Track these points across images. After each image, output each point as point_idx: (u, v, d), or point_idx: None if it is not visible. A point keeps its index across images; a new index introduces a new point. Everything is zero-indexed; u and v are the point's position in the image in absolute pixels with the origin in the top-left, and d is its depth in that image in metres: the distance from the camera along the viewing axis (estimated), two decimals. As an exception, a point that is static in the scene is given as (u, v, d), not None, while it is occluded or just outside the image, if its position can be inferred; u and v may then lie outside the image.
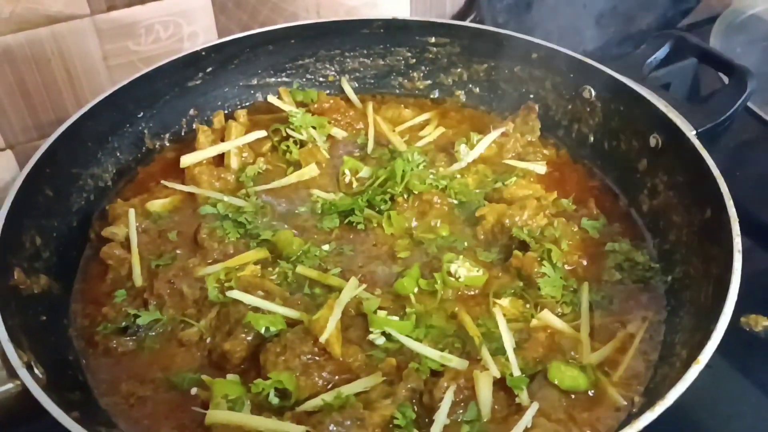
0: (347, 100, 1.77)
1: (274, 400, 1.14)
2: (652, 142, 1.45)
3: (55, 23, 1.63)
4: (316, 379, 1.17)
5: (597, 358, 1.21)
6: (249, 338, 1.22)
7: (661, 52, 1.58)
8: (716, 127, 1.42)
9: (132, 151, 1.59)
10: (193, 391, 1.18)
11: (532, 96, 1.68)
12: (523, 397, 1.13)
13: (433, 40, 1.73)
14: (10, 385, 1.02)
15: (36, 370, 1.05)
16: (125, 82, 1.53)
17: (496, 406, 1.13)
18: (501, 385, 1.15)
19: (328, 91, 1.78)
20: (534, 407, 1.10)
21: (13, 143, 1.72)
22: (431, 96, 1.80)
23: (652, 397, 1.13)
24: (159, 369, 1.22)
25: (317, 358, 1.19)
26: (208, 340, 1.25)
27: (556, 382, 1.16)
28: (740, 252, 1.13)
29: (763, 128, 1.64)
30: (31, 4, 1.57)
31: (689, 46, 1.56)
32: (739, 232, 1.17)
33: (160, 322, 1.27)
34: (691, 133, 1.38)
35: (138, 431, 1.14)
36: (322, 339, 1.17)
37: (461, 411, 1.12)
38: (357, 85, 1.80)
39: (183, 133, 1.68)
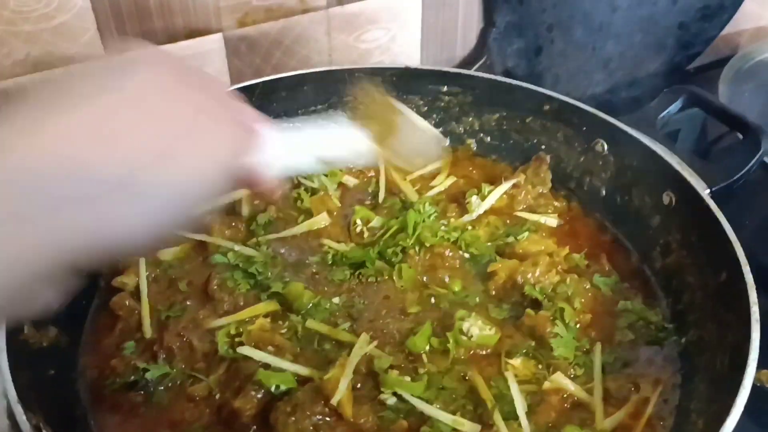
0: (358, 147, 1.76)
1: (285, 462, 1.13)
2: (666, 199, 1.45)
3: (71, 64, 1.63)
4: (327, 440, 1.16)
5: (611, 424, 1.19)
6: (259, 396, 1.20)
7: (674, 107, 1.58)
8: (730, 185, 1.41)
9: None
10: (202, 450, 1.17)
11: (543, 147, 1.68)
12: (536, 465, 1.12)
13: (445, 89, 1.73)
14: (18, 450, 1.01)
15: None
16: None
17: (509, 474, 1.12)
18: (514, 451, 1.14)
19: (339, 137, 1.78)
20: (548, 475, 1.09)
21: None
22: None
23: (667, 467, 1.12)
24: (168, 426, 1.21)
25: (328, 418, 1.17)
26: (218, 396, 1.24)
27: (570, 450, 1.15)
28: (758, 322, 1.12)
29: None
30: (48, 47, 1.58)
31: (702, 102, 1.56)
32: (756, 301, 1.16)
33: (169, 377, 1.26)
34: (704, 192, 1.38)
35: (146, 492, 1.13)
36: (334, 401, 1.16)
37: (474, 478, 1.11)
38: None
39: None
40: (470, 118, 1.76)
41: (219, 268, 1.43)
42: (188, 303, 1.38)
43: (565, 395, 1.24)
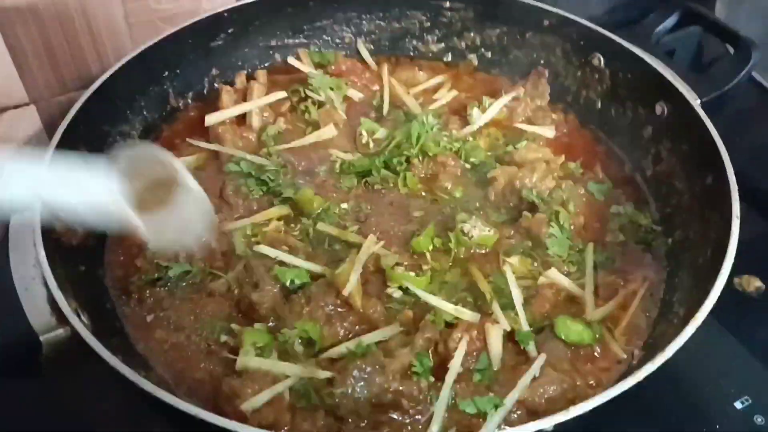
0: (363, 62, 1.82)
1: (299, 348, 1.22)
2: (658, 110, 1.52)
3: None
4: (338, 329, 1.26)
5: (600, 315, 1.29)
6: (275, 290, 1.29)
7: (669, 22, 1.63)
8: (720, 96, 1.48)
9: (157, 110, 1.65)
10: (223, 338, 1.26)
11: (542, 62, 1.74)
12: (530, 349, 1.22)
13: (447, 4, 1.78)
14: (60, 331, 1.10)
15: (82, 317, 1.13)
16: (152, 43, 1.59)
17: (505, 357, 1.22)
18: (510, 337, 1.24)
19: (344, 53, 1.83)
20: (542, 358, 1.19)
21: (37, 98, 1.77)
22: (444, 59, 1.86)
23: (650, 351, 1.22)
24: (191, 317, 1.30)
25: (339, 309, 1.27)
26: (236, 290, 1.33)
27: (562, 336, 1.25)
28: (738, 218, 1.21)
29: (766, 97, 1.70)
30: None
31: (696, 16, 1.61)
32: (738, 199, 1.24)
33: (190, 274, 1.34)
34: (695, 102, 1.45)
35: (172, 375, 1.22)
36: (346, 292, 1.25)
37: (473, 360, 1.21)
38: (372, 47, 1.85)
39: (205, 92, 1.73)
40: (472, 34, 1.81)
41: (232, 176, 1.51)
42: (205, 207, 1.46)
43: (558, 289, 1.33)
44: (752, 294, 1.55)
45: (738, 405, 1.36)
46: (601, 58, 1.63)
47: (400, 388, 1.15)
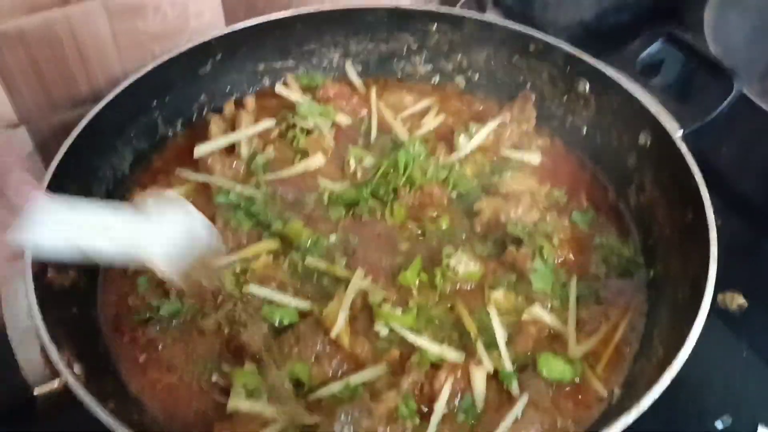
0: (351, 85, 1.83)
1: (289, 388, 1.25)
2: (642, 139, 1.54)
3: (67, 5, 1.67)
4: (327, 368, 1.29)
5: (582, 351, 1.32)
6: (264, 329, 1.32)
7: (654, 48, 1.64)
8: (703, 127, 1.49)
9: (147, 139, 1.66)
10: (214, 378, 1.29)
11: (529, 85, 1.75)
12: (513, 388, 1.26)
13: (434, 27, 1.78)
14: (54, 384, 1.13)
15: (75, 367, 1.16)
16: (141, 73, 1.59)
17: (489, 396, 1.25)
18: (494, 375, 1.27)
19: (332, 75, 1.84)
20: (524, 399, 1.23)
21: (27, 119, 1.78)
22: (432, 81, 1.87)
23: (629, 389, 1.26)
24: (182, 357, 1.33)
25: (328, 348, 1.30)
26: (226, 329, 1.35)
27: (544, 374, 1.28)
28: (715, 261, 1.24)
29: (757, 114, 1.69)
30: None
31: (679, 43, 1.62)
32: (716, 240, 1.27)
33: (181, 312, 1.37)
34: (677, 134, 1.46)
35: (165, 417, 1.26)
36: (333, 334, 1.28)
37: (458, 401, 1.25)
38: (360, 68, 1.86)
39: (194, 119, 1.74)
40: (459, 56, 1.82)
41: (222, 208, 1.52)
42: (195, 242, 1.48)
43: (541, 325, 1.36)
44: (735, 313, 1.58)
45: (719, 424, 1.40)
46: (587, 84, 1.64)
47: (387, 431, 1.18)
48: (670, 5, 2.09)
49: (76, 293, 1.36)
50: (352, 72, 1.85)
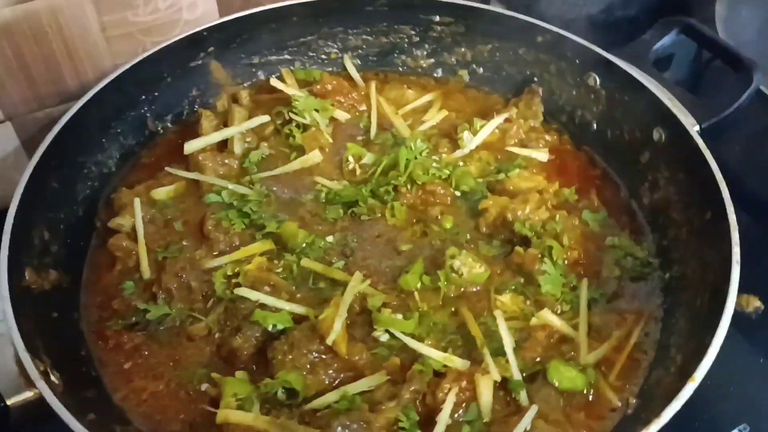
0: (350, 79, 1.75)
1: (283, 397, 1.18)
2: (656, 135, 1.46)
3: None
4: (323, 376, 1.21)
5: (594, 358, 1.25)
6: (257, 335, 1.25)
7: (668, 39, 1.57)
8: (720, 122, 1.42)
9: (135, 135, 1.59)
10: (204, 387, 1.22)
11: (536, 79, 1.68)
12: (522, 398, 1.18)
13: (437, 18, 1.71)
14: (28, 394, 1.05)
15: (52, 377, 1.08)
16: (128, 66, 1.52)
17: (496, 406, 1.18)
18: (501, 384, 1.20)
19: (330, 69, 1.77)
20: (533, 410, 1.15)
21: (12, 115, 1.71)
22: (434, 75, 1.79)
23: (645, 399, 1.18)
24: (169, 364, 1.26)
25: (323, 356, 1.22)
26: (217, 335, 1.28)
27: (555, 383, 1.20)
28: (738, 264, 1.16)
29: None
30: None
31: (695, 34, 1.55)
32: (738, 242, 1.19)
33: (169, 317, 1.30)
34: (694, 129, 1.39)
35: (151, 428, 1.18)
36: (329, 341, 1.20)
37: (463, 411, 1.17)
38: (359, 62, 1.79)
39: (185, 115, 1.67)
40: (462, 49, 1.74)
41: (214, 207, 1.45)
42: (184, 243, 1.41)
43: (551, 331, 1.28)
44: (751, 315, 1.50)
45: (736, 433, 1.33)
46: (597, 78, 1.57)
47: (387, 444, 1.11)
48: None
49: (56, 296, 1.28)
50: (350, 66, 1.77)
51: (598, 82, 1.57)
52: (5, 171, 1.66)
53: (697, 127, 1.40)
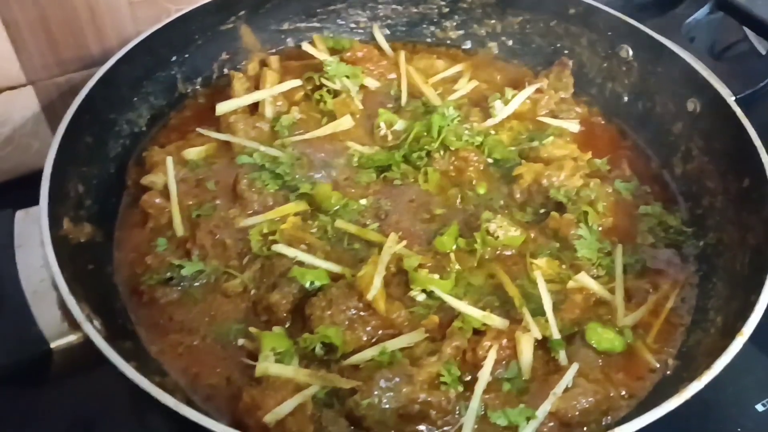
0: (379, 48, 1.75)
1: (321, 353, 1.17)
2: (690, 106, 1.46)
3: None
4: (361, 333, 1.20)
5: (631, 321, 1.25)
6: (294, 291, 1.24)
7: (701, 13, 1.57)
8: (755, 93, 1.42)
9: (165, 96, 1.58)
10: (240, 342, 1.21)
11: (566, 52, 1.68)
12: (561, 357, 1.18)
13: (467, -11, 1.71)
14: (72, 337, 1.04)
15: (95, 322, 1.07)
16: (159, 26, 1.51)
17: (535, 365, 1.17)
18: (540, 344, 1.19)
19: (358, 38, 1.76)
20: (574, 368, 1.14)
21: (34, 79, 1.69)
22: (463, 47, 1.79)
23: (685, 360, 1.18)
24: (205, 319, 1.25)
25: (362, 313, 1.21)
26: (253, 291, 1.27)
27: (593, 344, 1.20)
28: (783, 225, 1.16)
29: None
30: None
31: (730, 8, 1.55)
32: (780, 204, 1.19)
33: (204, 273, 1.28)
34: (730, 99, 1.39)
35: (188, 381, 1.17)
36: (370, 296, 1.19)
37: (503, 369, 1.16)
38: (388, 32, 1.78)
39: (214, 78, 1.66)
40: (492, 21, 1.74)
41: (245, 168, 1.44)
42: (218, 202, 1.40)
43: (588, 294, 1.28)
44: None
45: (759, 407, 1.34)
46: (630, 50, 1.57)
47: (429, 399, 1.10)
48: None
49: (91, 249, 1.27)
50: (379, 35, 1.77)
51: (630, 54, 1.57)
52: (23, 137, 1.64)
53: (733, 98, 1.40)
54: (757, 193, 1.24)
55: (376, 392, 1.09)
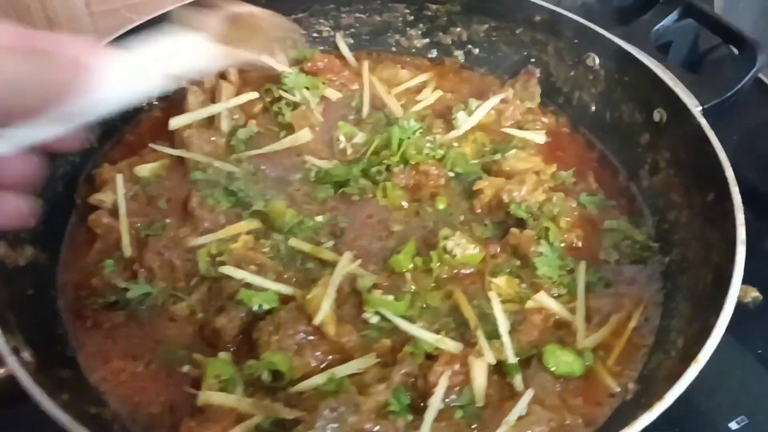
0: (342, 58, 1.70)
1: (267, 380, 1.12)
2: (656, 116, 1.42)
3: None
4: (310, 359, 1.16)
5: (592, 342, 1.20)
6: (242, 315, 1.20)
7: (669, 20, 1.53)
8: (722, 103, 1.38)
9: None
10: (185, 368, 1.17)
11: (533, 60, 1.63)
12: (517, 382, 1.13)
13: (432, -4, 1.66)
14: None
15: (24, 353, 1.02)
16: (112, 37, 1.46)
17: (490, 391, 1.13)
18: (496, 368, 1.15)
19: (321, 48, 1.72)
20: (529, 394, 1.10)
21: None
22: (429, 55, 1.74)
23: (645, 384, 1.14)
24: (150, 344, 1.20)
25: (311, 337, 1.17)
26: (200, 315, 1.23)
27: (551, 368, 1.16)
28: (744, 243, 1.12)
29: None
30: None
31: (698, 15, 1.51)
32: (743, 222, 1.15)
33: (151, 296, 1.24)
34: (696, 110, 1.35)
35: (128, 410, 1.13)
36: (317, 321, 1.15)
37: (455, 395, 1.12)
38: (352, 41, 1.74)
39: (171, 91, 1.61)
40: (458, 29, 1.70)
41: (199, 185, 1.40)
42: (168, 221, 1.36)
43: (547, 314, 1.24)
44: (749, 305, 1.46)
45: (733, 425, 1.29)
46: (596, 58, 1.53)
47: (376, 428, 1.05)
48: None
49: (32, 272, 1.23)
50: (342, 45, 1.72)
51: (597, 62, 1.53)
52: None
53: (699, 108, 1.36)
54: (721, 208, 1.20)
55: (319, 423, 1.04)
